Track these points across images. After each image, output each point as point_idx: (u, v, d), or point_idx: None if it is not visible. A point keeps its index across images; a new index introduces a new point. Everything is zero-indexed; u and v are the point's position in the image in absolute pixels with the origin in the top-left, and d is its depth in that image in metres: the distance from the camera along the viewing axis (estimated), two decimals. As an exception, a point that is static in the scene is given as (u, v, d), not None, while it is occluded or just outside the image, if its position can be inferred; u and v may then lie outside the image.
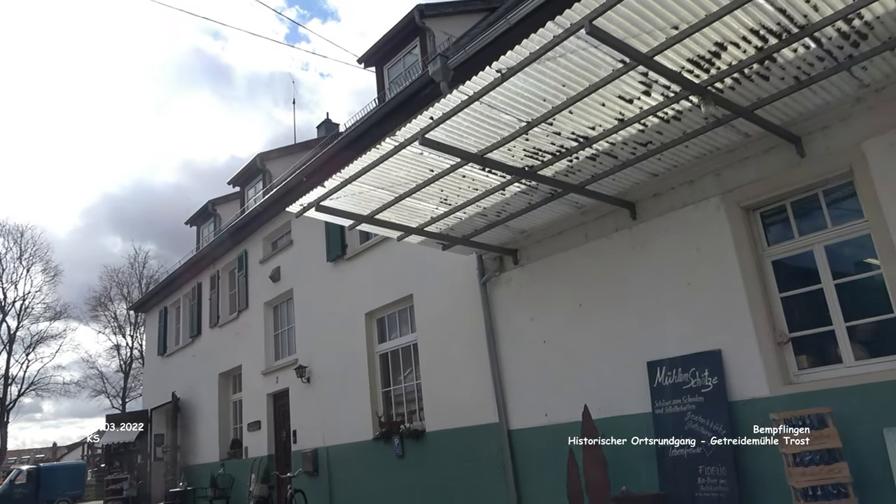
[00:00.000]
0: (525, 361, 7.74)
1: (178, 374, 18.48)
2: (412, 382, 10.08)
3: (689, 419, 5.85)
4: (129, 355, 39.50)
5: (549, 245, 7.58)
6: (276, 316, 14.43)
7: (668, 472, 5.90)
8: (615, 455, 6.38)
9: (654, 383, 6.23)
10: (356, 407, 10.74)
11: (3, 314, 35.70)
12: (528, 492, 7.53)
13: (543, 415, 7.40)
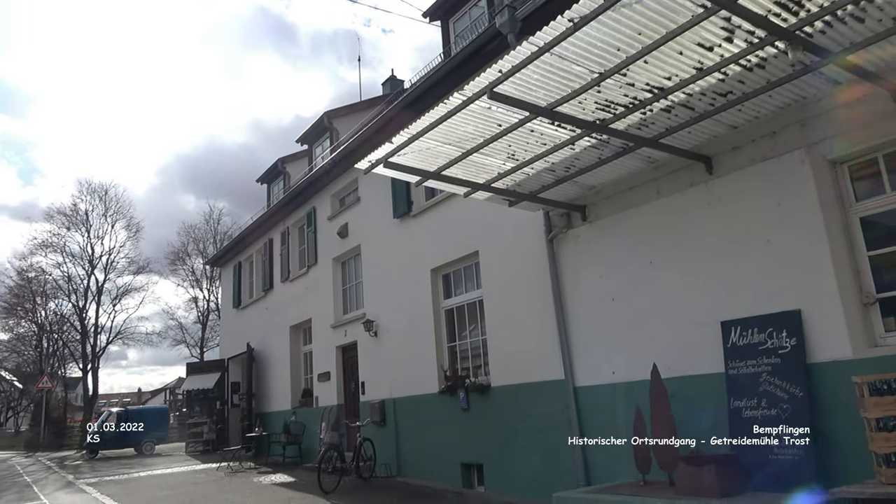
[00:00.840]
0: (592, 319, 7.67)
1: (252, 326, 19.28)
2: (477, 338, 10.18)
3: (764, 380, 5.69)
4: (206, 307, 41.42)
5: (619, 201, 7.40)
6: (344, 271, 14.76)
7: (741, 433, 5.75)
8: (684, 415, 6.28)
9: (727, 343, 6.06)
10: (422, 361, 10.95)
11: (92, 268, 37.89)
12: (594, 448, 7.53)
13: (611, 372, 7.35)
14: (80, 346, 38.02)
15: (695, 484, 5.45)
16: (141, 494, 11.35)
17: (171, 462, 18.04)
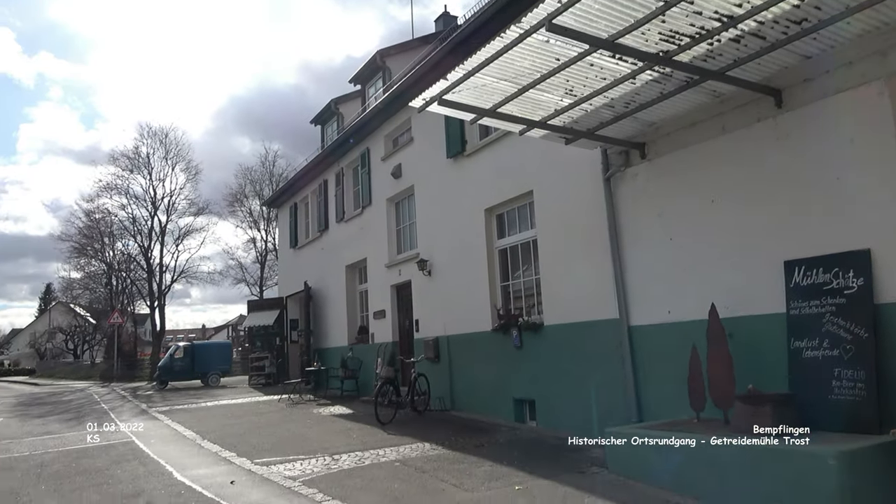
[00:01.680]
0: (649, 258, 7.59)
1: (308, 265, 19.79)
2: (531, 277, 10.22)
3: (827, 321, 5.56)
4: (263, 248, 42.61)
5: (680, 138, 7.18)
6: (398, 211, 14.90)
7: (800, 374, 5.71)
8: (742, 355, 6.24)
9: (790, 283, 5.93)
10: (475, 300, 11.09)
11: (155, 209, 39.23)
12: (646, 387, 7.59)
13: (666, 312, 7.31)
14: (146, 285, 39.82)
15: (751, 422, 5.44)
16: (209, 422, 12.05)
17: (235, 394, 19.00)
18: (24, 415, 16.56)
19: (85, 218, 41.67)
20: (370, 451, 8.14)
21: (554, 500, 5.62)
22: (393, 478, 6.71)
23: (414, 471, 6.97)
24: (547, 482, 6.19)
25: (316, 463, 7.61)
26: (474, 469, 6.90)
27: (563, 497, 5.69)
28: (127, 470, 7.88)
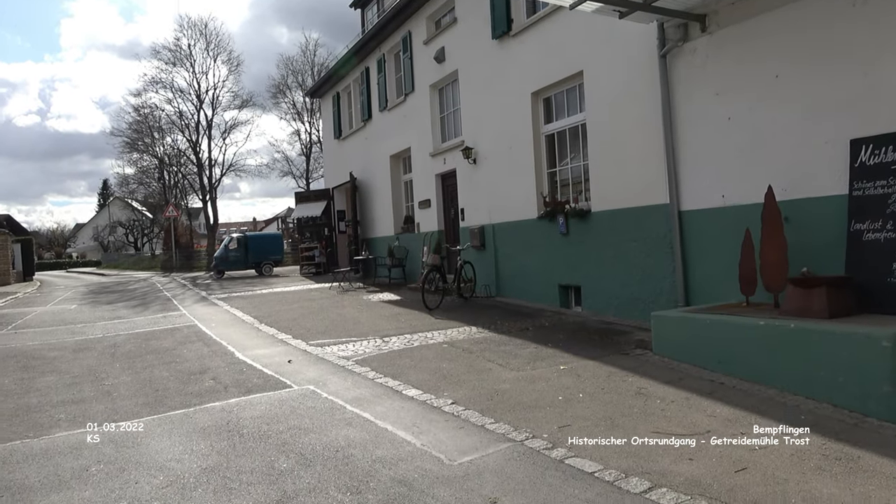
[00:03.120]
0: (704, 140, 7.27)
1: (353, 156, 19.78)
2: (578, 163, 9.98)
3: (893, 201, 5.29)
4: (308, 140, 42.76)
5: (745, 7, 6.64)
6: (442, 98, 14.54)
7: (859, 257, 5.52)
8: (797, 238, 6.05)
9: (855, 163, 5.61)
10: (521, 187, 10.96)
11: (200, 103, 39.38)
12: (695, 272, 7.51)
13: (720, 196, 7.08)
14: (197, 179, 40.74)
15: (803, 305, 5.36)
16: (265, 308, 12.60)
17: (287, 282, 19.71)
18: (95, 302, 17.63)
19: (133, 113, 42.33)
20: (418, 334, 8.42)
21: (598, 378, 5.75)
22: (441, 358, 6.95)
23: (461, 352, 7.20)
24: (592, 363, 6.32)
25: (367, 344, 7.93)
26: (519, 350, 7.08)
27: (606, 376, 5.82)
28: (192, 350, 8.38)
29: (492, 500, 3.46)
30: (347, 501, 3.52)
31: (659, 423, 4.53)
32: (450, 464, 3.99)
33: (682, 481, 3.55)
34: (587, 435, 4.34)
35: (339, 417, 5.05)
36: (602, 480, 3.64)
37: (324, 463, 4.10)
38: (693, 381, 5.51)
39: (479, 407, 5.09)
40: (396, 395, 5.59)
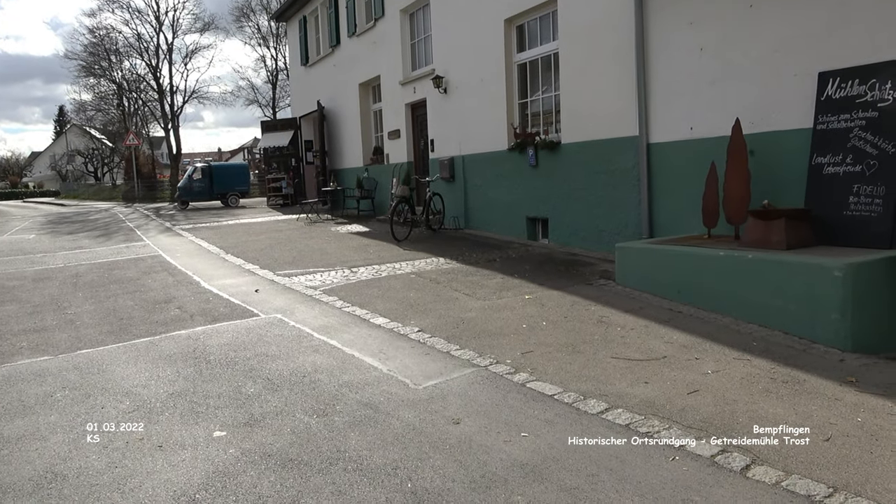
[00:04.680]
0: (675, 72, 7.22)
1: (321, 84, 19.23)
2: (550, 94, 9.86)
3: (854, 136, 5.37)
4: (274, 66, 41.42)
5: (721, -67, 6.49)
6: (413, 24, 14.11)
7: (818, 190, 5.63)
8: (761, 172, 6.14)
9: (822, 96, 5.64)
10: (492, 118, 10.83)
11: (160, 25, 37.63)
12: (661, 204, 7.60)
13: (688, 128, 7.10)
14: (158, 106, 39.39)
15: (762, 237, 5.49)
16: (231, 238, 12.46)
17: (254, 213, 19.46)
18: (55, 232, 17.22)
19: (88, 35, 40.29)
20: (386, 265, 8.44)
21: (562, 307, 5.88)
22: (408, 288, 7.00)
23: (428, 282, 7.26)
24: (556, 292, 6.44)
25: (335, 275, 7.94)
26: (486, 281, 7.16)
27: (570, 304, 5.94)
28: (157, 280, 8.29)
29: (455, 420, 3.57)
30: (314, 423, 3.60)
31: (618, 349, 4.67)
32: (415, 388, 4.09)
33: (637, 403, 3.70)
34: (549, 360, 4.47)
35: (306, 345, 5.09)
36: (561, 402, 3.77)
37: (291, 388, 4.16)
38: (653, 309, 5.67)
39: (446, 334, 5.18)
40: (364, 324, 5.65)
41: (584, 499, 2.74)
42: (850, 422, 3.38)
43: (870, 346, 4.53)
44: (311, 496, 2.83)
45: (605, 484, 2.85)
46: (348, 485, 2.92)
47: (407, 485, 2.90)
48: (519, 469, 3.01)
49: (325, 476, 3.01)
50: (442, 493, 2.83)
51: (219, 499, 2.84)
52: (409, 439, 3.36)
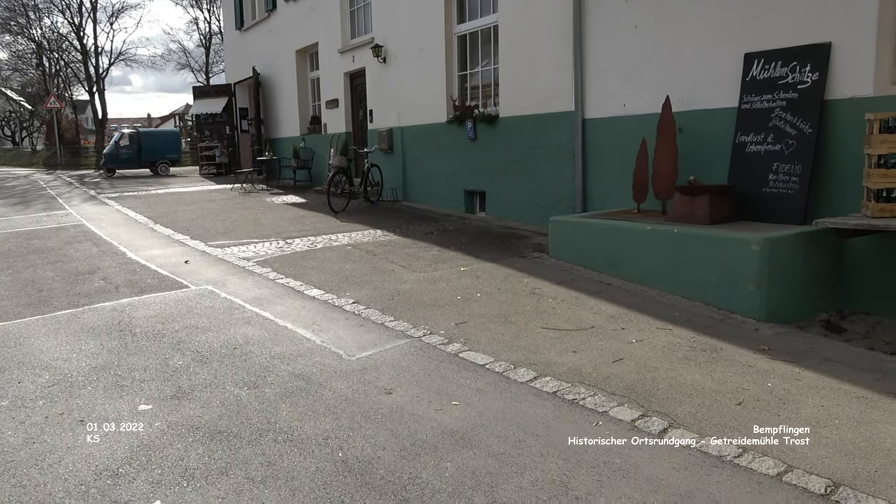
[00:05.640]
0: (611, 48, 7.33)
1: (257, 49, 18.61)
2: (489, 68, 9.86)
3: (776, 115, 5.61)
4: (207, 30, 39.76)
5: (657, -89, 6.57)
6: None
7: (740, 167, 5.88)
8: (689, 148, 6.34)
9: (747, 76, 5.86)
10: (431, 89, 10.76)
11: (82, -20, 35.39)
12: (594, 179, 7.76)
13: (622, 105, 7.25)
14: (82, 68, 37.26)
15: (687, 212, 5.70)
16: (160, 208, 12.02)
17: (186, 182, 18.80)
18: (-32, 198, 16.20)
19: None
20: (322, 237, 8.35)
21: (496, 279, 5.97)
22: (344, 260, 6.95)
23: (365, 254, 7.22)
24: (491, 265, 6.53)
25: (269, 246, 7.79)
26: (423, 253, 7.18)
27: (504, 277, 6.04)
28: (80, 250, 7.95)
29: (387, 390, 3.60)
30: (244, 395, 3.56)
31: (549, 319, 4.79)
32: (348, 359, 4.09)
33: (565, 371, 3.82)
34: (482, 331, 4.55)
35: (237, 316, 5.01)
36: (492, 371, 3.85)
37: (221, 360, 4.09)
38: (584, 281, 5.83)
39: (381, 306, 5.19)
40: (298, 295, 5.59)
41: (511, 463, 2.83)
42: (761, 387, 3.59)
43: (783, 317, 4.80)
44: (239, 468, 2.82)
45: (532, 449, 2.95)
46: (278, 455, 2.91)
47: (338, 454, 2.92)
48: (449, 436, 3.07)
49: (254, 447, 2.99)
50: (372, 461, 2.86)
51: (143, 473, 2.79)
52: (341, 410, 3.37)
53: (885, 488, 2.61)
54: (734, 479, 2.70)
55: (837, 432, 3.07)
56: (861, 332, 4.80)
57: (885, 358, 4.19)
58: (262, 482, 2.71)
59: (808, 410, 3.31)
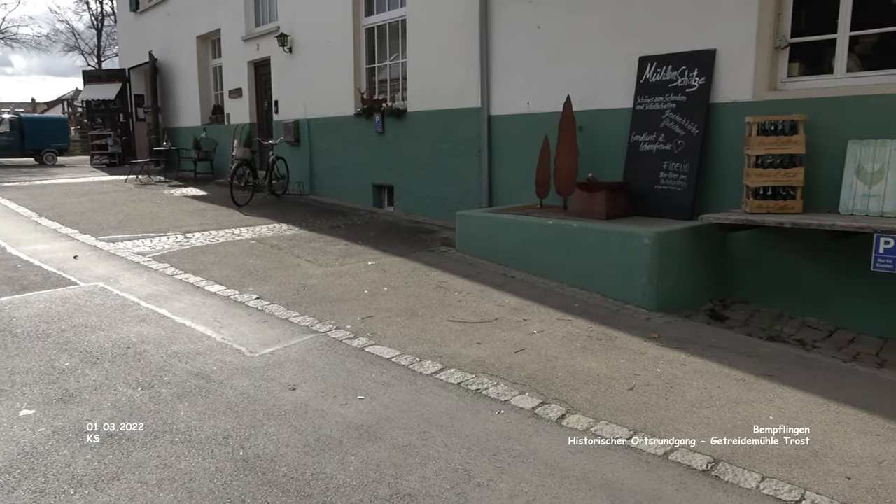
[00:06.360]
0: (515, 47, 7.51)
1: (154, 34, 17.70)
2: (397, 62, 9.85)
3: (666, 117, 5.94)
4: (100, 10, 37.37)
5: (559, -84, 6.78)
6: (255, -23, 13.36)
7: (635, 165, 6.19)
8: (588, 146, 6.60)
9: (641, 79, 6.17)
10: (339, 82, 10.62)
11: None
12: (500, 174, 7.93)
13: (526, 103, 7.44)
14: (-46, 45, 34.10)
15: (586, 207, 5.94)
16: (46, 200, 11.23)
17: (75, 173, 17.65)
18: None
19: None
20: (225, 231, 8.08)
21: (403, 273, 5.99)
22: (248, 254, 6.77)
23: (269, 248, 7.06)
24: (398, 259, 6.55)
25: (167, 240, 7.46)
26: (329, 247, 7.10)
27: (411, 271, 6.08)
28: (-49, 244, 7.30)
29: (291, 387, 3.55)
30: (138, 396, 3.41)
31: (455, 312, 4.87)
32: (251, 356, 4.00)
33: (469, 362, 3.90)
34: (388, 325, 4.56)
35: (131, 314, 4.77)
36: (398, 365, 3.88)
37: (112, 360, 3.89)
38: (489, 275, 5.96)
39: (285, 301, 5.10)
40: (198, 291, 5.39)
41: (416, 454, 2.87)
42: (651, 372, 3.81)
43: (672, 306, 5.11)
44: (132, 472, 2.70)
45: (436, 439, 3.00)
46: (175, 457, 2.82)
47: (239, 453, 2.86)
48: (354, 431, 3.07)
49: (149, 450, 2.88)
50: (275, 458, 2.82)
51: (25, 482, 2.62)
52: (242, 408, 3.30)
53: (759, 462, 2.85)
54: (625, 459, 2.86)
55: (718, 412, 3.32)
56: (741, 320, 5.18)
57: (760, 343, 4.55)
58: (157, 485, 2.61)
59: (693, 393, 3.54)
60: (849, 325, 5.04)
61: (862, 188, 4.78)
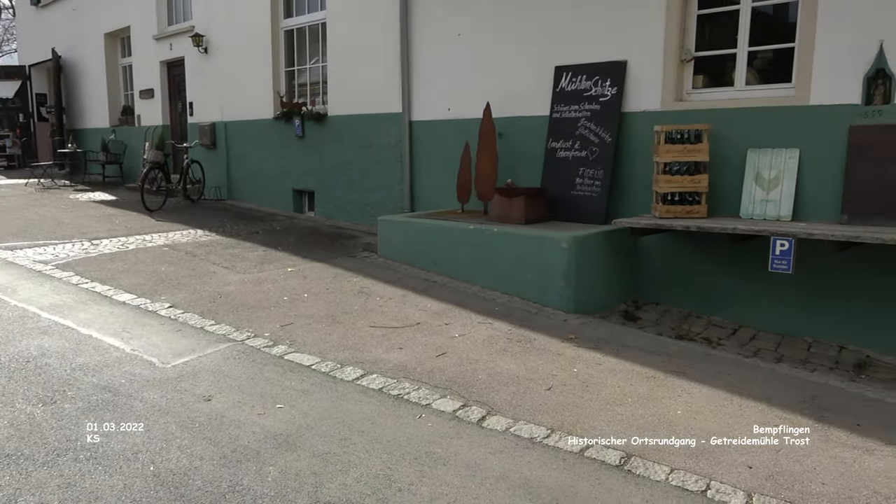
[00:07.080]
0: (437, 53, 7.57)
1: (57, 30, 16.72)
2: (318, 65, 9.73)
3: (581, 125, 6.15)
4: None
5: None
6: (167, -28, 12.88)
7: (552, 171, 6.36)
8: (507, 153, 6.74)
9: (557, 88, 6.35)
10: (257, 84, 10.39)
11: None
12: (421, 180, 7.97)
13: (446, 109, 7.51)
14: None
15: (505, 212, 6.06)
16: (-65, 203, 10.41)
17: (-31, 175, 16.44)
18: None
19: None
20: (135, 237, 7.73)
21: (324, 279, 5.92)
22: (160, 261, 6.50)
23: (184, 255, 6.81)
24: (319, 265, 6.46)
25: (72, 248, 7.07)
26: (247, 254, 6.93)
27: (332, 277, 6.01)
28: None
29: (206, 397, 3.44)
30: (39, 413, 3.21)
31: (377, 318, 4.85)
32: (163, 367, 3.84)
33: (391, 367, 3.89)
34: (309, 332, 4.50)
35: (31, 326, 4.49)
36: (319, 372, 3.83)
37: (9, 375, 3.65)
38: (411, 280, 5.97)
39: (200, 310, 4.93)
40: (105, 301, 5.13)
41: (336, 462, 2.84)
42: (568, 372, 3.93)
43: (588, 308, 5.28)
44: (31, 493, 2.55)
45: (357, 446, 2.98)
46: (79, 476, 2.67)
47: (149, 468, 2.74)
48: (272, 440, 3.01)
49: (50, 469, 2.72)
50: (189, 472, 2.72)
51: None
52: (153, 421, 3.17)
53: (669, 455, 2.98)
54: (543, 457, 2.94)
55: (631, 409, 3.45)
56: (652, 320, 5.42)
57: (670, 342, 4.77)
58: (59, 506, 2.47)
59: (607, 391, 3.67)
60: (750, 323, 5.37)
61: (760, 194, 5.10)
